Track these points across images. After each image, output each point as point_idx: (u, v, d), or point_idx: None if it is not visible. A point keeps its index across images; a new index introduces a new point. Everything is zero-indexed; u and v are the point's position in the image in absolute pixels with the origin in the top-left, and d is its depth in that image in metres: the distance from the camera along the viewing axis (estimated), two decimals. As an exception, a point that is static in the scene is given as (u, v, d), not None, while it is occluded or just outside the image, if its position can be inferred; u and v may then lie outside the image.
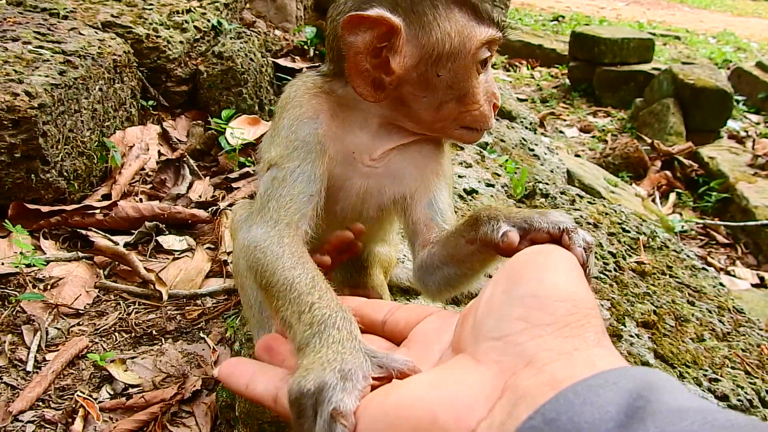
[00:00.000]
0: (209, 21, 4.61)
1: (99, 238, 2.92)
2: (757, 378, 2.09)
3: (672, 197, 6.55)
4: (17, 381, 2.19)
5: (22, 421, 2.04)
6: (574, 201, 3.03)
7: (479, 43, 1.17)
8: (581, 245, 0.93)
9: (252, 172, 3.67)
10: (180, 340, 2.51)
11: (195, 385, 2.25)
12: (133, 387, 2.26)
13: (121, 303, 2.64)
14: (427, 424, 0.72)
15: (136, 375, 2.30)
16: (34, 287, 2.57)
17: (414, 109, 1.23)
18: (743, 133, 8.03)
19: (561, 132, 8.05)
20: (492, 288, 0.85)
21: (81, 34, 3.53)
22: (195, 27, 4.40)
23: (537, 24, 13.95)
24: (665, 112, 7.70)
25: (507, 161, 3.46)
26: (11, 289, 2.53)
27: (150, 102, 4.02)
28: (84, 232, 2.93)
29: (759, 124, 8.63)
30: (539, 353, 0.73)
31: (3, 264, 2.61)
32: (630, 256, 2.63)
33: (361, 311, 1.10)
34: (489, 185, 2.94)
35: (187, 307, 2.69)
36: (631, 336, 2.13)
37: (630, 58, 9.30)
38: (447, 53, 1.16)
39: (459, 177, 2.89)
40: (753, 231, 5.69)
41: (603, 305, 2.25)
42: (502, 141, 3.98)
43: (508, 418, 0.69)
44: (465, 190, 2.78)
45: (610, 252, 2.60)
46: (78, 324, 2.51)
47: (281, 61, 4.73)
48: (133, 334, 2.50)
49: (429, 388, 0.77)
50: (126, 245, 2.93)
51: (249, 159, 3.82)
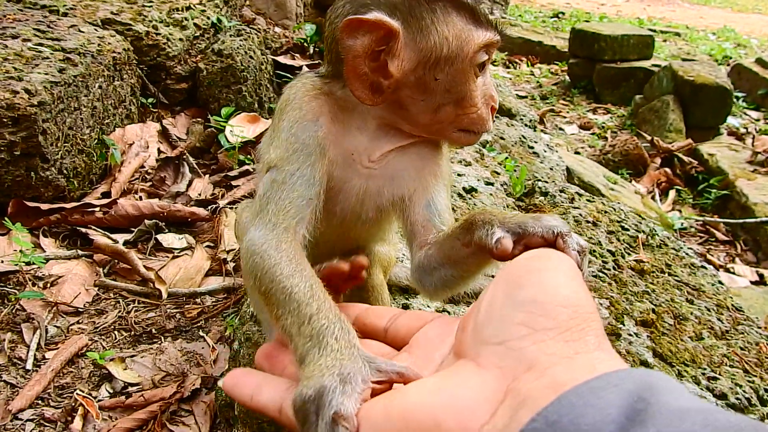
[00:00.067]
0: (209, 18, 4.61)
1: (98, 236, 2.92)
2: (756, 376, 2.09)
3: (671, 194, 6.53)
4: (17, 379, 2.20)
5: (21, 420, 2.05)
6: (573, 199, 3.03)
7: (477, 47, 1.17)
8: (575, 248, 0.95)
9: (252, 170, 3.67)
10: (179, 338, 2.51)
11: (194, 384, 2.25)
12: (133, 385, 2.26)
13: (121, 301, 2.65)
14: (431, 429, 0.73)
15: (135, 373, 2.30)
16: (33, 285, 2.57)
17: (412, 112, 1.23)
18: (743, 130, 8.01)
19: (561, 129, 8.04)
20: (492, 293, 0.85)
21: (81, 31, 3.52)
22: (195, 24, 4.40)
23: (537, 21, 13.91)
24: (665, 108, 7.68)
25: (506, 159, 3.46)
26: (11, 287, 2.53)
27: (150, 99, 4.02)
28: (84, 230, 2.94)
29: (759, 120, 8.61)
30: (540, 357, 0.74)
31: (3, 262, 2.61)
32: (629, 254, 2.63)
33: (364, 319, 1.11)
34: (488, 184, 2.93)
35: (187, 306, 2.69)
36: (630, 335, 2.13)
37: (630, 54, 9.27)
38: (445, 57, 1.15)
39: (458, 175, 2.89)
40: (752, 228, 5.68)
41: (602, 304, 2.25)
42: (501, 138, 3.98)
43: (510, 421, 0.69)
44: (464, 188, 2.77)
45: (609, 250, 2.60)
46: (77, 322, 2.51)
47: (281, 59, 4.73)
48: (133, 332, 2.51)
49: (431, 393, 0.77)
50: (125, 243, 2.94)
51: (248, 157, 3.82)
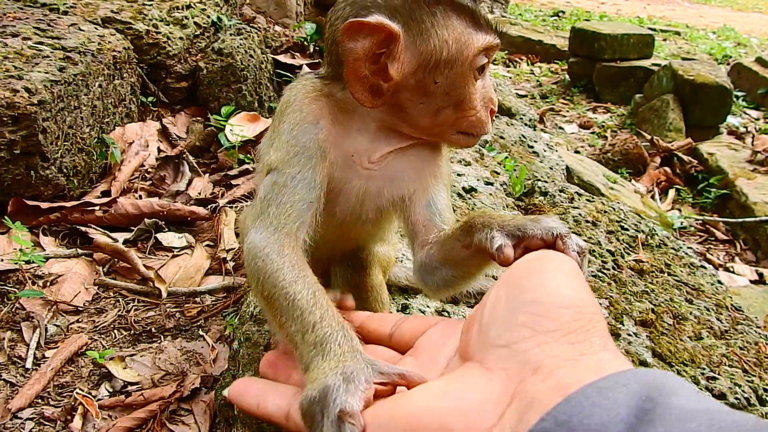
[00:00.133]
0: (209, 17, 4.61)
1: (98, 234, 2.93)
2: (755, 376, 2.09)
3: (671, 193, 6.53)
4: (16, 378, 2.20)
5: (21, 419, 2.05)
6: (572, 199, 3.03)
7: (476, 50, 1.17)
8: (575, 249, 0.96)
9: (251, 169, 3.67)
10: (179, 337, 2.52)
11: (194, 383, 2.25)
12: (132, 385, 2.26)
13: (121, 300, 2.65)
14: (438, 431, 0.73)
15: (135, 373, 2.30)
16: (33, 284, 2.57)
17: (411, 115, 1.23)
18: (743, 129, 8.02)
19: (560, 128, 8.04)
20: (495, 295, 0.86)
21: (81, 29, 3.52)
22: (195, 23, 4.39)
23: (537, 19, 13.92)
24: (665, 108, 7.68)
25: (506, 159, 3.46)
26: (10, 286, 2.53)
27: (150, 98, 4.02)
28: (83, 228, 2.94)
29: (759, 119, 8.61)
30: (546, 359, 0.74)
31: (2, 260, 2.61)
32: (628, 254, 2.63)
33: (368, 326, 1.11)
34: (488, 183, 2.93)
35: (186, 305, 2.69)
36: (629, 335, 2.13)
37: (630, 53, 9.28)
38: (444, 60, 1.16)
39: (458, 175, 2.89)
40: (752, 227, 5.68)
41: (601, 304, 2.25)
42: (501, 138, 3.98)
43: (518, 423, 0.70)
44: (464, 188, 2.77)
45: (608, 250, 2.60)
46: (77, 321, 2.51)
47: (281, 58, 4.73)
48: (132, 331, 2.51)
49: (438, 396, 0.78)
50: (125, 242, 2.94)
51: (248, 156, 3.82)
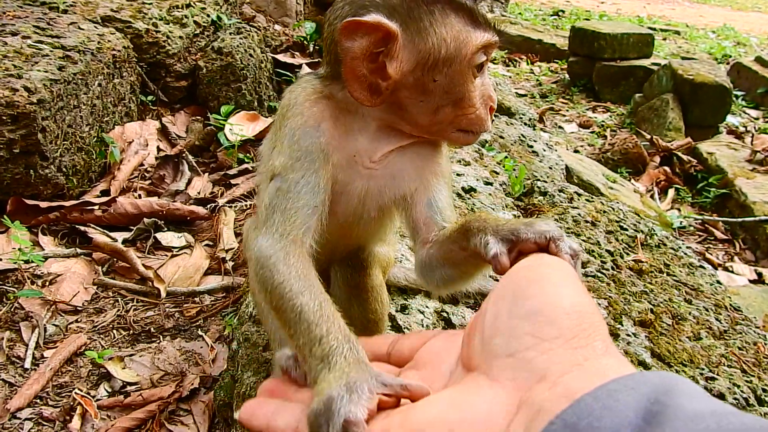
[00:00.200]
0: (209, 16, 4.60)
1: (97, 234, 2.92)
2: (754, 376, 2.09)
3: (671, 193, 6.53)
4: (15, 378, 2.20)
5: (20, 419, 2.05)
6: (572, 199, 3.03)
7: (475, 48, 1.17)
8: (568, 252, 0.96)
9: (251, 168, 3.67)
10: (178, 337, 2.52)
11: (193, 383, 2.25)
12: (131, 385, 2.26)
13: (120, 300, 2.65)
14: None
15: (134, 373, 2.30)
16: (32, 284, 2.57)
17: (411, 113, 1.23)
18: (742, 129, 8.01)
19: (560, 127, 8.03)
20: (495, 304, 0.86)
21: (80, 28, 3.52)
22: (194, 22, 4.39)
23: (537, 19, 13.91)
24: (664, 107, 7.68)
25: (505, 159, 3.46)
26: (9, 286, 2.53)
27: (149, 97, 4.02)
28: (82, 228, 2.94)
29: (758, 119, 8.60)
30: (551, 367, 0.74)
31: (1, 260, 2.61)
32: (627, 254, 2.63)
33: (366, 349, 1.11)
34: (487, 183, 2.93)
35: (186, 305, 2.69)
36: (628, 335, 2.13)
37: (630, 53, 9.27)
38: (443, 58, 1.16)
39: (457, 175, 2.88)
40: (751, 227, 5.68)
41: (600, 304, 2.25)
42: (501, 138, 3.97)
43: (527, 431, 0.70)
44: (463, 188, 2.77)
45: (607, 250, 2.60)
46: (76, 321, 2.51)
47: (281, 57, 4.72)
48: (131, 331, 2.51)
49: (447, 408, 0.78)
50: (124, 242, 2.94)
51: (248, 155, 3.81)
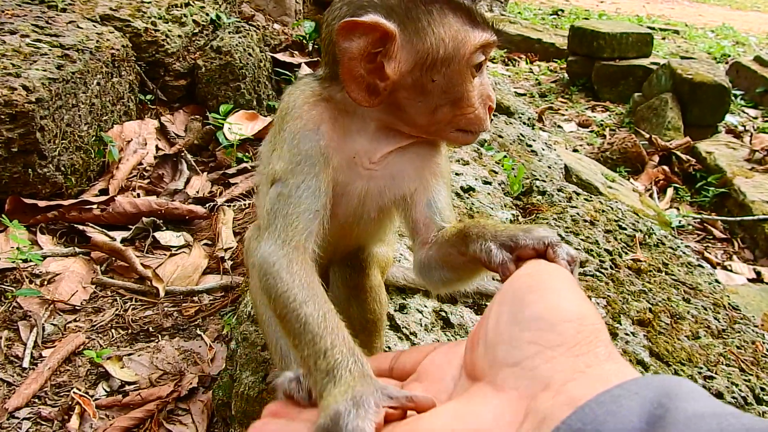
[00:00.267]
0: (208, 15, 4.60)
1: (96, 233, 2.92)
2: (752, 375, 2.10)
3: (669, 192, 6.53)
4: (13, 377, 2.20)
5: (18, 418, 2.05)
6: (570, 198, 3.03)
7: (473, 48, 1.17)
8: (565, 258, 0.97)
9: (250, 167, 3.67)
10: (177, 337, 2.51)
11: (191, 383, 2.25)
12: (130, 384, 2.26)
13: (118, 299, 2.65)
14: None
15: (132, 372, 2.30)
16: (30, 283, 2.57)
17: (409, 113, 1.23)
18: (741, 128, 8.02)
19: (559, 127, 8.03)
20: (497, 313, 0.86)
21: (79, 27, 3.52)
22: (193, 21, 4.39)
23: (536, 18, 13.91)
24: (663, 106, 7.68)
25: (504, 158, 3.45)
26: (8, 285, 2.53)
27: (148, 96, 4.01)
28: (81, 227, 2.93)
29: (757, 118, 8.61)
30: (555, 375, 0.75)
31: (0, 259, 2.61)
32: (626, 253, 2.63)
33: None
34: (486, 183, 2.93)
35: (184, 304, 2.69)
36: (627, 334, 2.13)
37: (629, 52, 9.27)
38: (441, 58, 1.16)
39: (456, 175, 2.88)
40: (750, 226, 5.69)
41: (599, 303, 2.25)
42: (500, 137, 3.97)
43: None
44: (462, 187, 2.77)
45: (606, 249, 2.60)
46: (75, 320, 2.51)
47: (280, 56, 4.72)
48: (130, 330, 2.51)
49: (453, 419, 0.79)
50: (123, 241, 2.94)
51: (247, 155, 3.81)
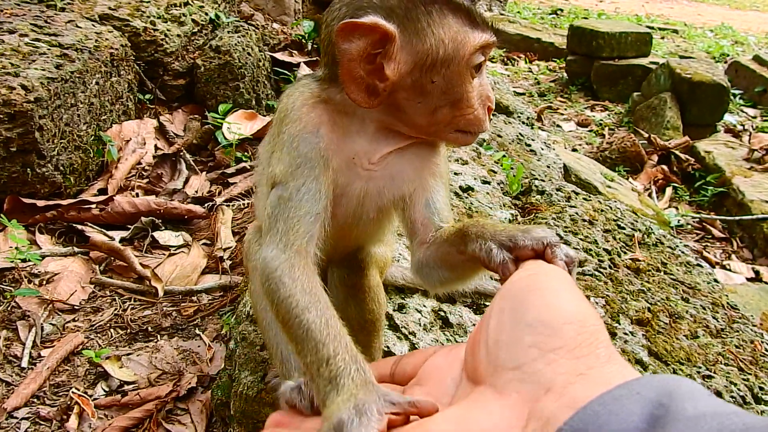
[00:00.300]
0: (207, 14, 4.60)
1: (95, 233, 2.92)
2: (750, 374, 2.10)
3: (668, 191, 6.53)
4: (12, 377, 2.20)
5: (16, 418, 2.05)
6: (569, 198, 3.03)
7: (473, 49, 1.17)
8: (563, 258, 0.97)
9: (249, 167, 3.67)
10: (175, 336, 2.51)
11: (190, 383, 2.25)
12: (129, 384, 2.26)
13: (117, 299, 2.65)
14: None
15: (131, 372, 2.30)
16: (29, 282, 2.57)
17: (409, 114, 1.23)
18: (740, 128, 8.02)
19: (558, 126, 8.03)
20: (498, 316, 0.87)
21: (78, 26, 3.51)
22: (192, 20, 4.38)
23: (535, 17, 13.90)
24: (662, 106, 7.68)
25: (503, 157, 3.45)
26: (6, 285, 2.53)
27: (147, 96, 4.01)
28: (80, 227, 2.93)
29: (756, 117, 8.60)
30: (556, 378, 0.76)
31: (-2, 259, 2.61)
32: (625, 253, 2.63)
33: None
34: (485, 182, 2.93)
35: (183, 304, 2.69)
36: (626, 333, 2.13)
37: (628, 51, 9.26)
38: (441, 59, 1.16)
39: (455, 174, 2.88)
40: (748, 225, 5.69)
41: (597, 303, 2.25)
42: (499, 136, 3.97)
43: None
44: (461, 187, 2.77)
45: (605, 249, 2.60)
46: (73, 320, 2.51)
47: (279, 55, 4.72)
48: (129, 330, 2.50)
49: (457, 423, 0.79)
50: (122, 240, 2.94)
51: (246, 154, 3.81)
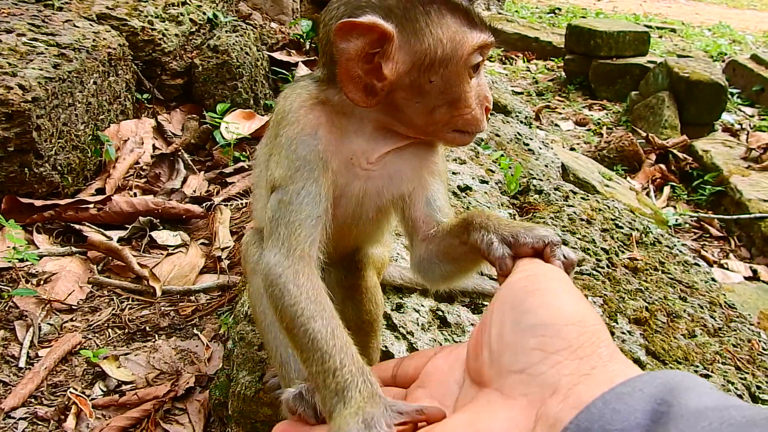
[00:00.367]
0: (205, 14, 4.59)
1: (92, 232, 2.92)
2: (748, 373, 2.10)
3: (666, 190, 6.54)
4: (9, 377, 2.19)
5: (14, 418, 2.04)
6: (567, 197, 3.03)
7: (471, 49, 1.17)
8: (560, 258, 0.99)
9: (247, 167, 3.67)
10: (173, 336, 2.51)
11: (188, 382, 2.25)
12: (126, 384, 2.26)
13: (115, 299, 2.64)
14: None
15: (129, 372, 2.30)
16: (27, 282, 2.57)
17: (407, 114, 1.23)
18: (737, 126, 8.03)
19: (556, 125, 8.03)
20: (499, 319, 0.88)
21: (76, 26, 3.51)
22: (190, 20, 4.38)
23: (533, 17, 13.91)
24: (660, 105, 7.69)
25: (501, 157, 3.45)
26: (4, 284, 2.53)
27: (145, 95, 4.00)
28: (77, 226, 2.93)
29: (753, 116, 8.61)
30: (561, 379, 0.77)
31: (-4, 259, 2.61)
32: (623, 252, 2.63)
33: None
34: (483, 182, 2.93)
35: (181, 303, 2.69)
36: (623, 333, 2.13)
37: (626, 51, 9.27)
38: (439, 59, 1.16)
39: (453, 174, 2.88)
40: (746, 224, 5.71)
41: (595, 302, 2.25)
42: (497, 136, 3.97)
43: None
44: (459, 186, 2.77)
45: (602, 248, 2.60)
46: (71, 320, 2.51)
47: (277, 55, 4.71)
48: (127, 330, 2.50)
49: (467, 428, 0.80)
50: (119, 240, 2.93)
51: (244, 154, 3.81)
